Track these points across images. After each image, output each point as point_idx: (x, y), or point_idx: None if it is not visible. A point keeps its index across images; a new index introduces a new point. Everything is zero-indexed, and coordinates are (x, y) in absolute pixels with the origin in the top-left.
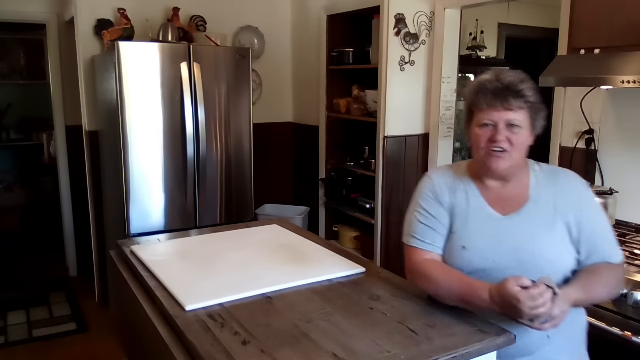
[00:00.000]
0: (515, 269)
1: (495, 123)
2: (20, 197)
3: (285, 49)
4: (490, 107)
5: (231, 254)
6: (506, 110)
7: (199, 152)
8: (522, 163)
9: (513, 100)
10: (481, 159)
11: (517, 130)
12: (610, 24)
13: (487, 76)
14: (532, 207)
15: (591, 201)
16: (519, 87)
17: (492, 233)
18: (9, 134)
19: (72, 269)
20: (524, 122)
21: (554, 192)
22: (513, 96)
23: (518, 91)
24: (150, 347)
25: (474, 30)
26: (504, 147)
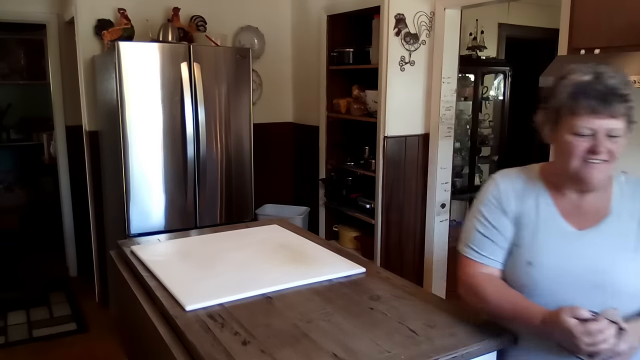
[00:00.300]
0: (588, 293)
1: (595, 132)
2: (20, 197)
3: (285, 49)
4: (592, 114)
5: (231, 254)
6: (610, 119)
7: (199, 152)
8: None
9: (618, 105)
10: (574, 170)
11: (616, 140)
12: (610, 24)
13: (586, 76)
14: (614, 221)
15: None
16: (624, 91)
17: (565, 249)
18: (9, 134)
19: (72, 269)
20: (623, 129)
21: (634, 203)
22: (618, 101)
23: (623, 95)
24: (150, 347)
25: (474, 30)
26: (605, 158)
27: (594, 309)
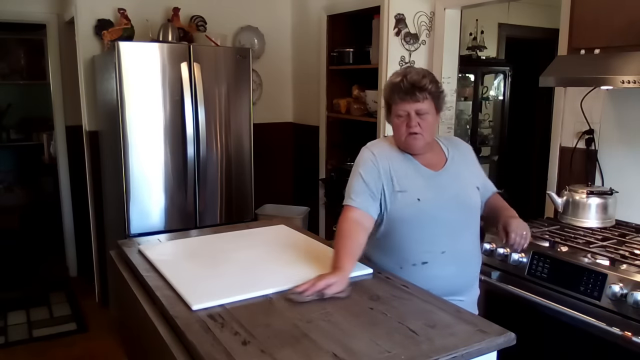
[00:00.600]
0: (457, 211)
1: (408, 112)
2: (20, 197)
3: (285, 49)
4: (403, 102)
5: (238, 254)
6: (414, 103)
7: (199, 152)
8: (432, 142)
9: (419, 94)
10: (402, 141)
11: (425, 117)
12: (610, 24)
13: (397, 78)
14: (451, 164)
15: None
16: (421, 84)
17: (434, 186)
18: (9, 134)
19: (72, 269)
20: (429, 109)
21: (458, 152)
22: (418, 91)
23: (421, 87)
24: (150, 347)
25: (474, 30)
26: (417, 131)
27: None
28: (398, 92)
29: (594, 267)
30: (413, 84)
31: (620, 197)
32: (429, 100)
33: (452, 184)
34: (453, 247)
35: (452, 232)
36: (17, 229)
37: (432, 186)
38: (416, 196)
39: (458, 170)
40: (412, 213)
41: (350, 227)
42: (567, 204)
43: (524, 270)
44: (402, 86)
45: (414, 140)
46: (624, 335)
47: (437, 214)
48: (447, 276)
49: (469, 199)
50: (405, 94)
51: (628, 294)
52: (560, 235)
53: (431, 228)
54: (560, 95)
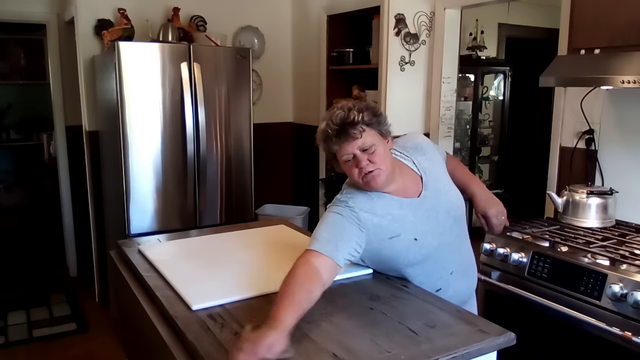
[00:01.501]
0: (453, 227)
1: (353, 154)
2: (20, 197)
3: (285, 49)
4: (341, 145)
5: (238, 254)
6: (353, 140)
7: (199, 152)
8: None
9: (351, 130)
10: (361, 185)
11: (372, 152)
12: (610, 24)
13: (322, 124)
14: (427, 178)
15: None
16: (349, 119)
17: (423, 214)
18: (9, 134)
19: (72, 269)
20: (373, 140)
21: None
22: (350, 126)
23: (352, 121)
24: (151, 347)
25: (474, 30)
26: (371, 169)
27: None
28: (330, 138)
29: (594, 267)
30: (342, 123)
31: (620, 197)
32: (368, 131)
33: (438, 202)
34: (459, 263)
35: (454, 250)
36: (17, 229)
37: (422, 216)
38: (412, 236)
39: (435, 180)
40: (412, 254)
41: (307, 274)
42: (567, 204)
43: (524, 270)
44: (331, 130)
45: (373, 180)
46: (624, 335)
47: (437, 243)
48: (462, 291)
49: (458, 206)
50: (339, 137)
51: (628, 294)
52: (560, 235)
53: (435, 258)
54: (560, 95)
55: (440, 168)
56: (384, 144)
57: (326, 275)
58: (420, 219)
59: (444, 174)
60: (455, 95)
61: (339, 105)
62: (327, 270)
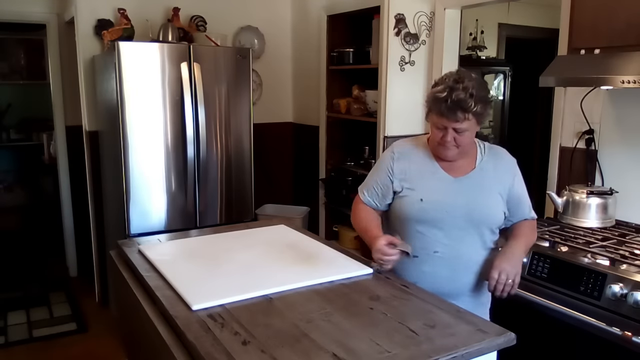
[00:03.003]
0: (462, 219)
1: (445, 127)
2: (20, 197)
3: (285, 49)
4: (442, 117)
5: (239, 254)
6: (454, 122)
7: (199, 152)
8: (470, 149)
9: (460, 114)
10: (433, 147)
11: (462, 134)
12: (610, 24)
13: (443, 92)
14: (478, 173)
15: (518, 174)
16: (466, 105)
17: (446, 190)
18: (9, 134)
19: (72, 269)
20: (469, 127)
21: (494, 164)
22: (461, 111)
23: (465, 108)
24: (151, 347)
25: (474, 30)
26: (450, 146)
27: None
28: (439, 106)
29: (594, 267)
30: (458, 104)
31: (620, 197)
32: (471, 120)
33: (466, 192)
34: (448, 251)
35: (451, 237)
36: (17, 229)
37: (443, 190)
38: (420, 196)
39: (482, 181)
40: (413, 211)
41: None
42: (567, 204)
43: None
44: (444, 102)
45: (445, 151)
46: (624, 335)
47: (438, 217)
48: (438, 276)
49: (481, 210)
50: (447, 111)
51: (628, 294)
52: (560, 235)
53: (429, 228)
54: (560, 95)
55: (501, 181)
56: (474, 129)
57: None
58: (439, 190)
59: (496, 186)
60: None
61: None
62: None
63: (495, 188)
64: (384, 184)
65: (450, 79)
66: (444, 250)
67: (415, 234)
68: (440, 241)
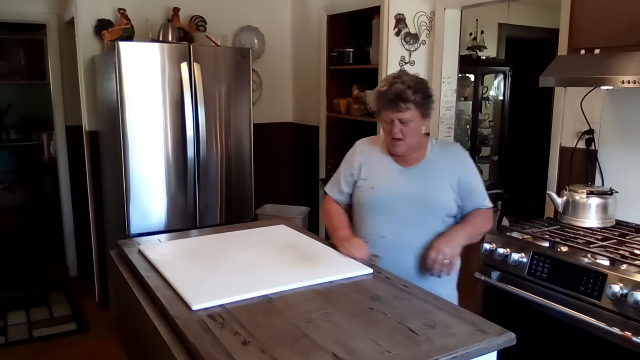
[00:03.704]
0: (410, 205)
1: (392, 120)
2: (20, 197)
3: (285, 49)
4: (387, 110)
5: (238, 254)
6: (397, 112)
7: (199, 152)
8: (419, 143)
9: (402, 104)
10: (387, 144)
11: (408, 124)
12: (610, 24)
13: (384, 86)
14: (426, 164)
15: (469, 165)
16: (404, 95)
17: (395, 179)
18: (9, 134)
19: (72, 269)
20: (413, 117)
21: (443, 156)
22: (401, 101)
23: (404, 98)
24: (151, 347)
25: (474, 30)
26: (399, 137)
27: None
28: (383, 100)
29: (594, 267)
30: (397, 95)
31: (620, 197)
32: (413, 109)
33: (414, 180)
34: (395, 236)
35: (398, 223)
36: (17, 229)
37: (393, 179)
38: (371, 185)
39: (430, 170)
40: (365, 199)
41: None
42: (567, 204)
43: (524, 270)
44: (387, 96)
45: (395, 146)
46: (624, 335)
47: (386, 203)
48: (386, 259)
49: (427, 197)
50: (390, 103)
51: (628, 294)
52: (560, 235)
53: (378, 214)
54: (560, 95)
55: (451, 172)
56: (420, 122)
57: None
58: (389, 179)
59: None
60: (455, 95)
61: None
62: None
63: (444, 177)
64: (349, 176)
65: (390, 77)
66: (391, 235)
67: (367, 219)
68: (388, 227)
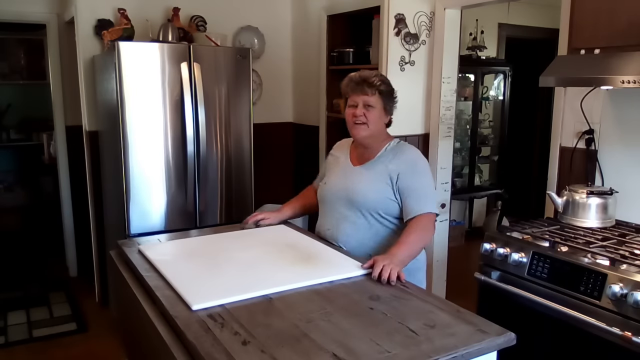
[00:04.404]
0: (342, 203)
1: (357, 103)
2: (21, 197)
3: (285, 49)
4: (354, 93)
5: (238, 254)
6: (363, 95)
7: (199, 152)
8: (380, 136)
9: (367, 88)
10: (350, 129)
11: (371, 109)
12: (610, 24)
13: (352, 74)
14: (373, 163)
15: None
16: (371, 80)
17: (341, 175)
18: (9, 134)
19: (72, 269)
20: (376, 103)
21: (392, 157)
22: (367, 85)
23: (371, 82)
24: (151, 347)
25: (474, 30)
26: (361, 120)
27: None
28: (350, 84)
29: (594, 267)
30: (364, 79)
31: (620, 197)
32: (377, 96)
33: (354, 178)
34: (335, 230)
35: (337, 218)
36: (18, 229)
37: (339, 176)
38: (325, 180)
39: (373, 170)
40: (320, 193)
41: (306, 190)
42: (567, 204)
43: (524, 270)
44: (354, 79)
45: (358, 129)
46: (624, 335)
47: (327, 199)
48: None
49: (359, 197)
50: (356, 86)
51: (628, 294)
52: (560, 235)
53: (326, 209)
54: (560, 95)
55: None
56: (381, 112)
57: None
58: (337, 176)
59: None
60: (455, 95)
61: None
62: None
63: (382, 177)
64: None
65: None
66: (332, 229)
67: (320, 212)
68: (330, 221)
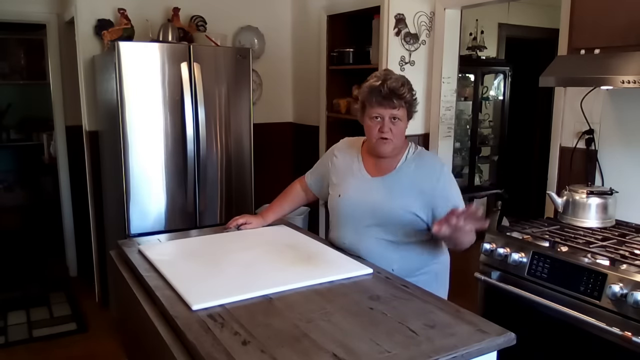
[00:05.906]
0: (369, 215)
1: (382, 117)
2: (21, 197)
3: (285, 49)
4: (379, 106)
5: (239, 254)
6: (390, 109)
7: (199, 152)
8: (402, 145)
9: (396, 101)
10: (373, 143)
11: (397, 123)
12: (610, 24)
13: (377, 82)
14: (395, 175)
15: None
16: (400, 92)
17: (361, 188)
18: (9, 134)
19: (72, 269)
20: (403, 115)
21: (415, 168)
22: (396, 98)
23: (400, 95)
24: (151, 347)
25: (474, 30)
26: (388, 136)
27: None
28: (376, 95)
29: (594, 267)
30: (392, 91)
31: (620, 197)
32: (404, 108)
33: (379, 192)
34: (355, 243)
35: (359, 231)
36: (18, 229)
37: (359, 188)
38: (339, 192)
39: (396, 182)
40: (333, 205)
41: (293, 189)
42: (567, 204)
43: (524, 270)
44: (382, 91)
45: (383, 145)
46: (624, 335)
47: (349, 212)
48: None
49: (389, 213)
50: (384, 99)
51: (628, 294)
52: (560, 235)
53: (343, 222)
54: (560, 95)
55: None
56: (406, 122)
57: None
58: (356, 188)
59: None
60: (455, 95)
61: (391, 73)
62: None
63: (410, 191)
64: (324, 172)
65: (381, 73)
66: (350, 243)
67: (333, 223)
68: (348, 234)
